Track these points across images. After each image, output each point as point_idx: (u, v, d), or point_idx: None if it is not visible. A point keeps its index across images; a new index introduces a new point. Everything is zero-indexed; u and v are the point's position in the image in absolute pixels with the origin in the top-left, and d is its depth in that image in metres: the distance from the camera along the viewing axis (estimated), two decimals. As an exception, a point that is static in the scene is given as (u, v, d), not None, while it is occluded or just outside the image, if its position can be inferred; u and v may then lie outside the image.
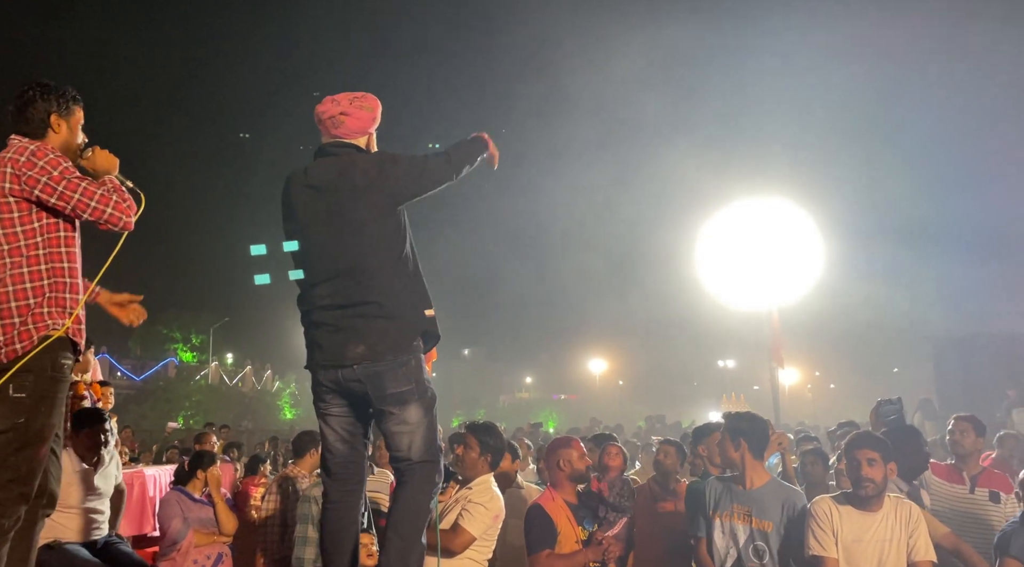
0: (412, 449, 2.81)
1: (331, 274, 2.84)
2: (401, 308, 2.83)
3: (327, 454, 2.99)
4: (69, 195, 2.73)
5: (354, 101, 2.99)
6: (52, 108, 2.89)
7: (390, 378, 2.79)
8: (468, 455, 3.96)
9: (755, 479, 3.72)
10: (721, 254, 16.54)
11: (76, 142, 2.97)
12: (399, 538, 2.76)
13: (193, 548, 5.03)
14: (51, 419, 2.69)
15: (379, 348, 2.77)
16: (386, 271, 2.82)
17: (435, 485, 2.88)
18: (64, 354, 2.75)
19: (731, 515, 3.65)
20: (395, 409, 2.80)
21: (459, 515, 3.77)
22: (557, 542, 3.92)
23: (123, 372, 39.68)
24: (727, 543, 3.63)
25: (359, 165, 2.88)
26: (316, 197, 2.89)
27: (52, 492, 2.87)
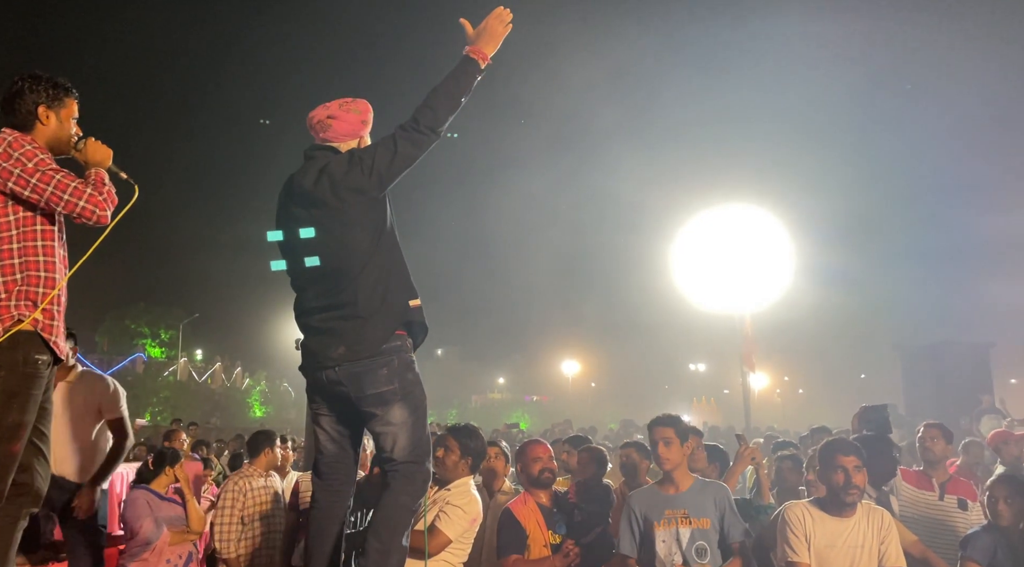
0: (396, 449, 2.79)
1: (313, 278, 2.85)
2: (378, 305, 2.80)
3: (317, 455, 2.99)
4: (42, 187, 2.67)
5: (343, 105, 2.97)
6: (41, 99, 2.83)
7: (369, 379, 2.76)
8: (448, 458, 3.92)
9: (683, 481, 3.74)
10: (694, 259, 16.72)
11: (67, 134, 2.90)
12: (378, 540, 2.74)
13: (167, 547, 4.97)
14: (24, 416, 2.63)
15: (358, 348, 2.76)
16: (362, 269, 2.78)
17: (420, 487, 2.85)
18: (37, 349, 2.69)
19: (668, 521, 3.64)
20: (377, 410, 2.78)
21: (436, 517, 3.74)
22: (526, 547, 3.91)
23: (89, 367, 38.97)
24: (670, 549, 3.60)
25: (328, 168, 2.84)
26: (294, 205, 2.89)
27: (38, 490, 2.82)
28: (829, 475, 3.50)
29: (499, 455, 4.79)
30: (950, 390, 14.41)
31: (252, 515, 5.46)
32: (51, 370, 2.79)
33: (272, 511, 5.59)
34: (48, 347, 2.73)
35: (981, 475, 6.26)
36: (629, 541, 3.70)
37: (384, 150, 2.77)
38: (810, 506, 3.59)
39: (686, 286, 17.21)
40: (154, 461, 5.32)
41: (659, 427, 3.77)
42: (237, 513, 5.39)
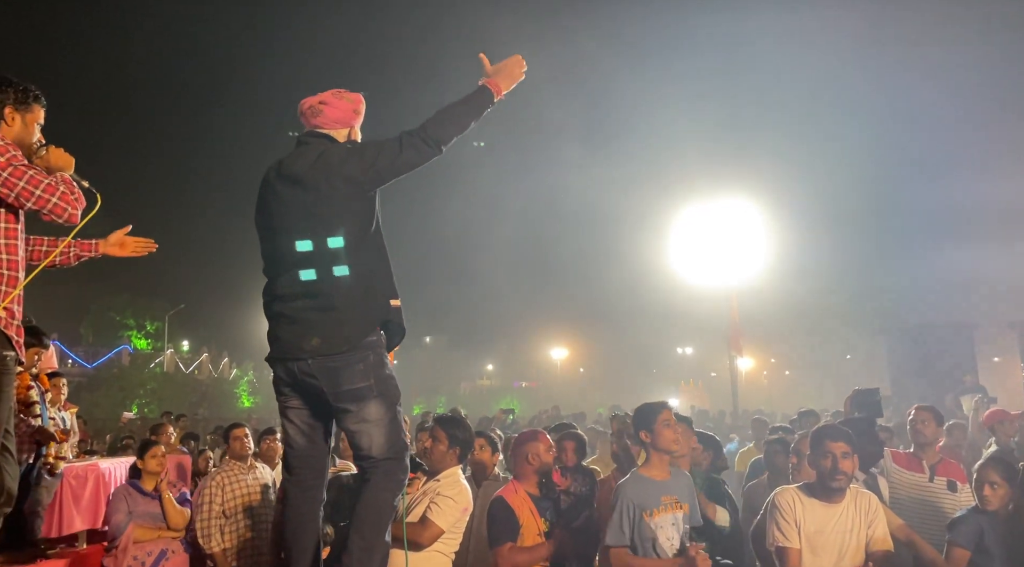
0: (373, 447, 2.75)
1: (291, 265, 2.78)
2: (357, 300, 2.76)
3: (287, 449, 2.94)
4: (14, 182, 2.64)
5: (336, 94, 2.96)
6: (8, 100, 2.84)
7: (345, 374, 2.72)
8: (436, 448, 3.91)
9: (664, 467, 3.73)
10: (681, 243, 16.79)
11: (31, 140, 2.91)
12: (361, 538, 2.71)
13: (132, 544, 4.93)
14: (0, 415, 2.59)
15: (334, 341, 2.71)
16: (344, 262, 2.75)
17: (399, 483, 2.84)
18: (3, 346, 2.67)
19: (665, 508, 3.64)
20: (352, 406, 2.74)
21: (427, 508, 3.73)
22: (519, 535, 3.91)
23: (74, 359, 38.73)
24: (668, 535, 3.61)
25: (325, 154, 2.82)
26: (284, 187, 2.83)
27: (9, 490, 2.80)
28: (818, 460, 3.51)
29: (484, 446, 4.78)
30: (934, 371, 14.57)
31: (235, 508, 5.44)
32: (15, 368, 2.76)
33: (259, 504, 5.57)
34: (11, 344, 2.70)
35: (966, 456, 6.33)
36: (623, 531, 3.62)
37: (389, 150, 2.76)
38: (799, 492, 3.60)
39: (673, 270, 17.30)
40: (137, 455, 5.30)
41: (666, 410, 3.76)
42: (217, 507, 5.37)
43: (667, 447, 3.71)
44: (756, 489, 5.11)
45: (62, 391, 5.94)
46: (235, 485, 5.53)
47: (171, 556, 5.06)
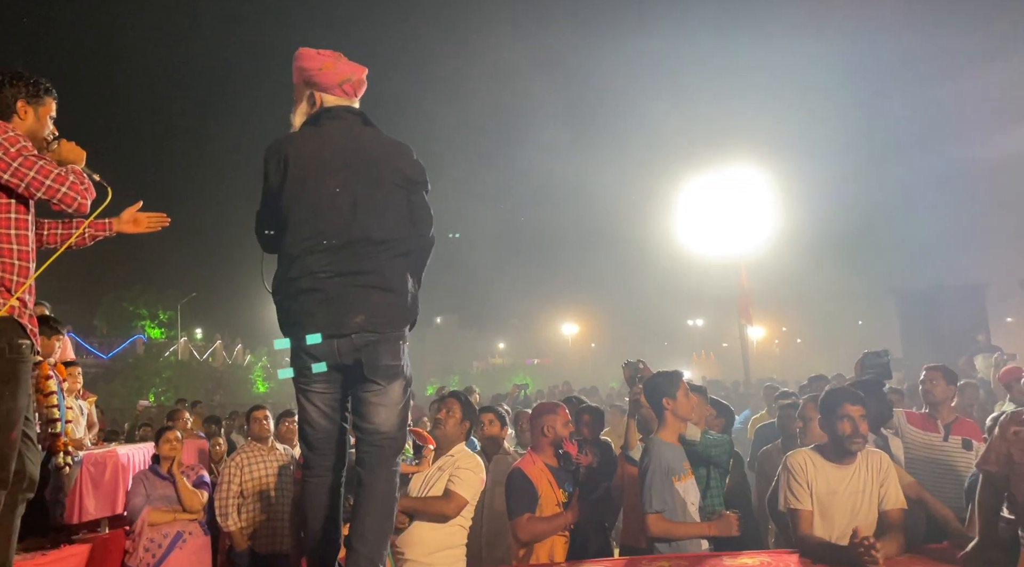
0: (385, 424, 2.73)
1: (336, 242, 2.70)
2: (405, 291, 2.77)
3: (308, 429, 2.87)
4: (24, 172, 2.65)
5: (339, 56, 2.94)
6: (20, 94, 2.85)
7: (386, 350, 2.71)
8: (450, 420, 3.95)
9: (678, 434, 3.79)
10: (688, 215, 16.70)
11: (43, 133, 2.92)
12: (374, 522, 2.69)
13: (148, 527, 5.00)
14: (16, 402, 2.63)
15: (378, 320, 2.68)
16: (395, 246, 2.76)
17: (398, 466, 2.84)
18: (19, 335, 2.69)
19: (686, 473, 3.70)
20: (383, 381, 2.72)
21: (449, 481, 3.78)
22: (538, 505, 3.94)
23: (90, 350, 39.08)
24: (692, 499, 3.66)
25: (382, 139, 2.86)
26: (334, 162, 2.75)
27: (31, 476, 2.83)
28: (834, 423, 3.51)
29: (494, 421, 4.81)
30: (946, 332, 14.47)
31: (253, 488, 5.53)
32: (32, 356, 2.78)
33: (278, 484, 5.65)
34: (27, 332, 2.72)
35: (976, 415, 6.31)
36: (663, 496, 3.61)
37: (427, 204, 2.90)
38: (812, 453, 3.61)
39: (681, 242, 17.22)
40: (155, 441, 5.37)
41: (683, 379, 3.85)
42: (235, 487, 5.47)
43: (687, 415, 3.78)
44: (769, 454, 5.13)
45: (78, 380, 6.01)
46: (255, 466, 5.61)
47: (188, 538, 5.11)
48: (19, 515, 2.82)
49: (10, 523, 2.76)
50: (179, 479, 5.13)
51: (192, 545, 5.13)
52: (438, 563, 3.67)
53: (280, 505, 5.60)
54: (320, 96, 2.87)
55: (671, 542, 3.58)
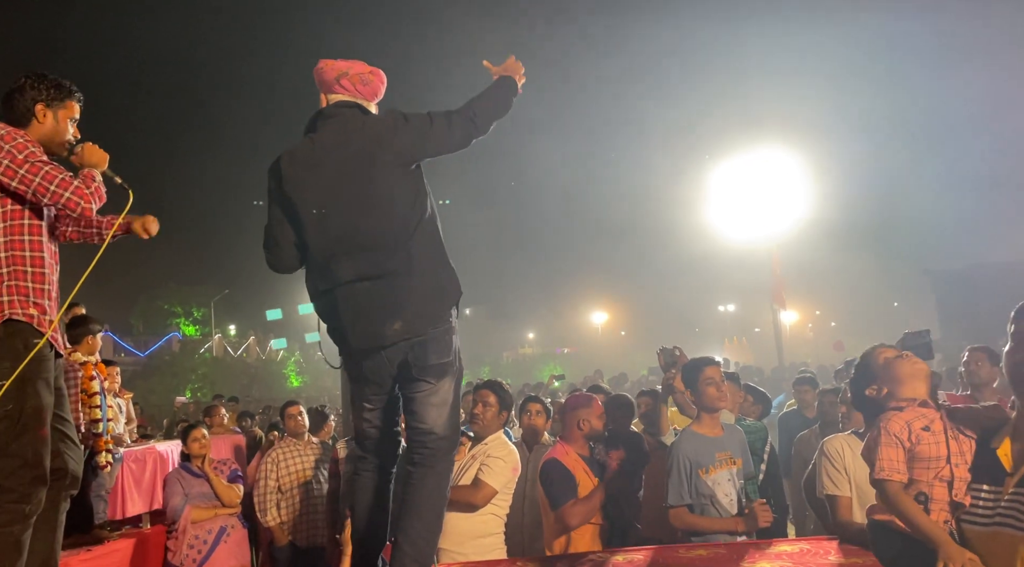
0: (438, 425, 2.67)
1: (352, 246, 2.61)
2: (435, 275, 2.67)
3: (360, 429, 2.83)
4: (30, 178, 2.65)
5: (364, 65, 2.84)
6: (40, 97, 2.81)
7: (433, 348, 2.64)
8: (488, 411, 3.93)
9: (715, 424, 3.71)
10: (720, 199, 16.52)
11: (64, 136, 2.88)
12: (421, 523, 2.64)
13: (191, 525, 5.07)
14: (42, 400, 2.65)
15: (418, 321, 2.59)
16: (413, 237, 2.61)
17: (453, 465, 2.80)
18: (34, 335, 2.69)
19: (720, 464, 3.62)
20: (432, 379, 2.66)
21: (479, 470, 3.76)
22: (577, 494, 3.93)
23: (127, 349, 39.89)
24: (726, 491, 3.60)
25: (368, 125, 2.70)
26: (326, 165, 2.66)
27: (74, 473, 2.87)
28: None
29: (540, 412, 4.76)
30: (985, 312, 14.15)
31: (291, 484, 5.60)
32: (54, 355, 2.79)
33: (314, 479, 5.71)
34: (41, 332, 2.72)
35: (1019, 396, 6.16)
36: (682, 490, 3.57)
37: (439, 126, 2.68)
38: (850, 438, 3.55)
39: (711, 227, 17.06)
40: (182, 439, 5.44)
41: (714, 366, 3.72)
42: (273, 483, 5.54)
43: (711, 405, 3.69)
44: (806, 439, 5.07)
45: (116, 379, 6.13)
46: (290, 461, 5.68)
47: (231, 532, 5.20)
48: (63, 511, 2.87)
49: (55, 519, 2.81)
50: (212, 475, 5.20)
51: (234, 538, 5.22)
52: (471, 552, 3.64)
53: (318, 499, 5.66)
54: (324, 98, 2.82)
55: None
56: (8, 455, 2.58)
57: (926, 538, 2.31)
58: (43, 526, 2.73)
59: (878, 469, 2.47)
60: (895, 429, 2.48)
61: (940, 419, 2.54)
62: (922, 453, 2.44)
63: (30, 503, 2.59)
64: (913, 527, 2.36)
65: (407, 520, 2.63)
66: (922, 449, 2.45)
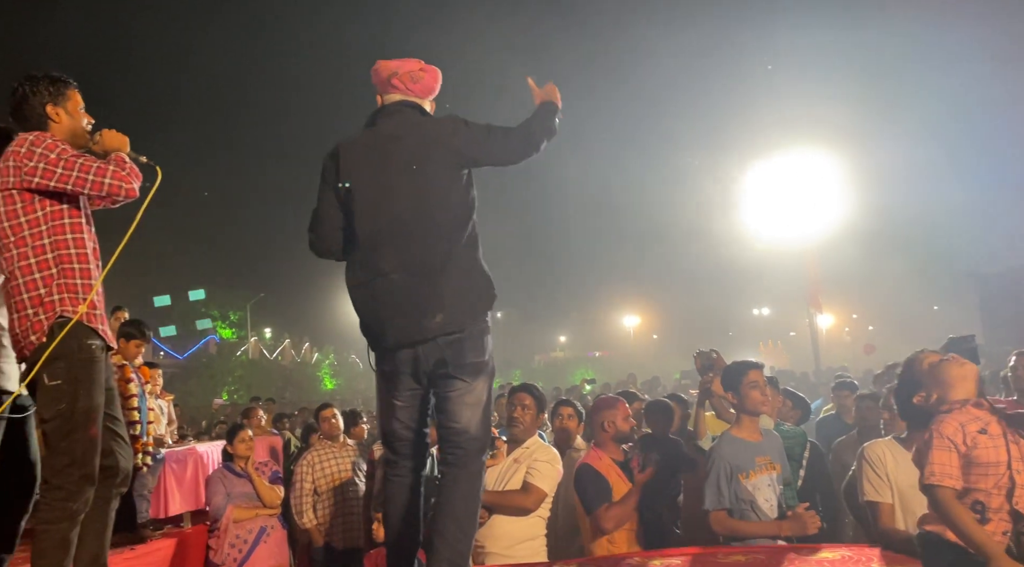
0: (472, 424, 2.67)
1: (399, 236, 2.63)
2: (475, 275, 2.70)
3: (391, 429, 2.83)
4: (67, 174, 2.71)
5: (421, 62, 2.89)
6: (46, 99, 2.85)
7: (470, 346, 2.65)
8: (527, 414, 3.95)
9: (755, 428, 3.67)
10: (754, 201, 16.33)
11: (82, 126, 2.93)
12: (457, 525, 2.63)
13: (233, 524, 5.14)
14: (92, 401, 2.71)
15: (458, 316, 2.60)
16: (460, 234, 2.65)
17: (484, 465, 2.79)
18: (88, 335, 2.75)
19: (760, 469, 3.59)
20: (468, 378, 2.66)
21: (527, 474, 3.77)
22: (612, 498, 3.92)
23: (166, 351, 40.57)
24: (767, 497, 3.56)
25: (427, 124, 2.77)
26: (383, 156, 2.71)
27: (124, 471, 2.93)
28: None
29: (572, 415, 4.76)
30: (1031, 316, 13.83)
31: (327, 486, 5.66)
32: (106, 355, 2.84)
33: (350, 481, 5.76)
34: (97, 333, 2.78)
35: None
36: (721, 494, 3.54)
37: (498, 136, 2.75)
38: (891, 444, 3.49)
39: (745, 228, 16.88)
40: (226, 439, 5.52)
41: (755, 369, 3.68)
42: (309, 485, 5.61)
43: (754, 408, 3.66)
44: (845, 445, 4.99)
45: (159, 382, 6.26)
46: (326, 464, 5.74)
47: (271, 532, 5.27)
48: (114, 509, 2.93)
49: (104, 516, 2.87)
50: (255, 476, 5.27)
51: (274, 538, 5.29)
52: (518, 555, 3.66)
53: (353, 500, 5.71)
54: (380, 97, 2.90)
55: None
56: (58, 453, 2.65)
57: (978, 551, 2.17)
58: (94, 523, 2.80)
59: (928, 474, 2.34)
60: (948, 432, 2.34)
61: (997, 422, 2.39)
62: (980, 458, 2.27)
63: (78, 501, 2.65)
64: (965, 538, 2.21)
65: (442, 521, 2.64)
66: (980, 454, 2.29)
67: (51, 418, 2.67)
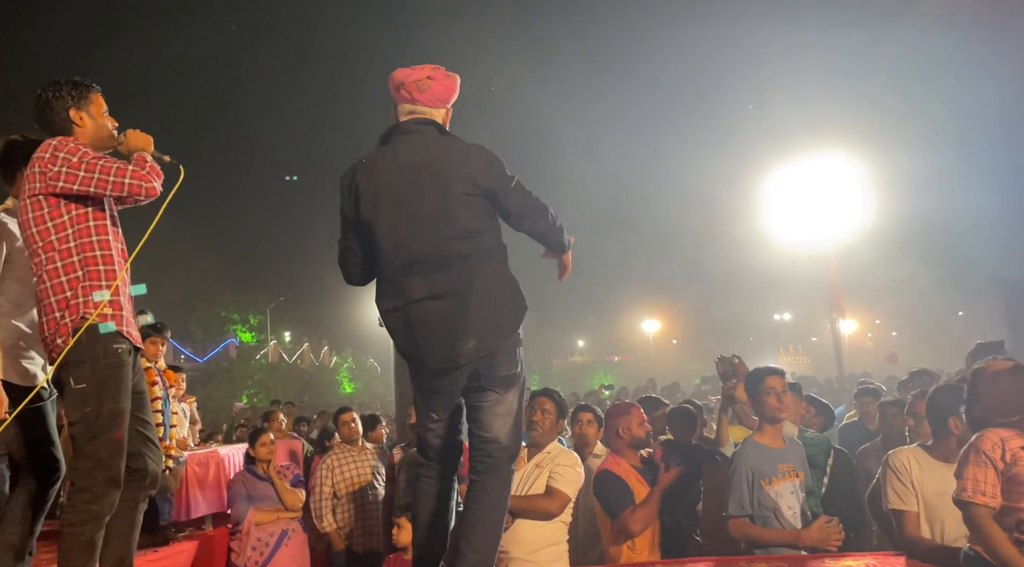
0: (502, 434, 2.68)
1: (423, 262, 2.60)
2: (505, 293, 2.69)
3: (425, 438, 2.83)
4: (89, 177, 2.74)
5: (437, 69, 2.80)
6: (68, 104, 2.89)
7: (502, 360, 2.66)
8: (547, 419, 3.94)
9: (778, 435, 3.64)
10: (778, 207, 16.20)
11: (106, 129, 2.96)
12: (485, 532, 2.64)
13: (254, 527, 5.17)
14: (119, 404, 2.73)
15: (491, 340, 2.61)
16: (485, 258, 2.65)
17: (513, 474, 2.80)
18: (114, 339, 2.76)
19: (783, 476, 3.56)
20: (500, 390, 2.67)
21: (550, 478, 3.76)
22: (634, 502, 3.90)
23: (187, 354, 40.96)
24: (790, 504, 3.54)
25: (444, 143, 2.71)
26: (401, 178, 2.64)
27: (154, 474, 2.96)
28: (945, 422, 3.34)
29: (592, 421, 4.75)
30: (1059, 323, 13.61)
31: (346, 489, 5.68)
32: (134, 357, 2.87)
33: (369, 484, 5.78)
34: (123, 336, 2.80)
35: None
36: (743, 500, 3.52)
37: (521, 187, 2.72)
38: (916, 452, 3.45)
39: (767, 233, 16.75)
40: (248, 442, 5.56)
41: (775, 376, 3.64)
42: (328, 489, 5.63)
43: (772, 415, 3.63)
44: (869, 452, 4.93)
45: (182, 386, 6.33)
46: (345, 467, 5.76)
47: (292, 535, 5.29)
48: (142, 511, 2.97)
49: (132, 518, 2.90)
50: (276, 480, 5.30)
51: (295, 542, 5.31)
52: (542, 560, 3.66)
53: (373, 504, 5.73)
54: (394, 109, 2.83)
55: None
56: (83, 456, 2.68)
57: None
58: (121, 525, 2.83)
59: (960, 489, 2.27)
60: (987, 447, 2.25)
61: None
62: (1021, 475, 2.20)
63: (103, 504, 2.67)
64: (999, 560, 2.14)
65: (469, 528, 2.64)
66: (1021, 471, 2.21)
67: (77, 421, 2.70)
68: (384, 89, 2.87)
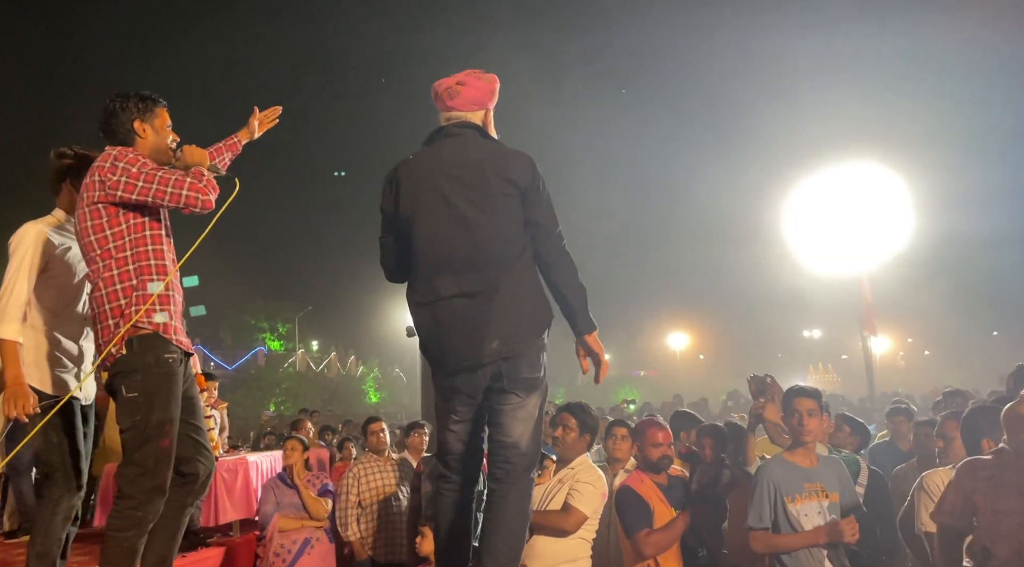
0: (523, 440, 2.68)
1: (457, 261, 2.65)
2: (532, 299, 2.71)
3: (447, 445, 2.84)
4: (147, 187, 2.79)
5: (471, 73, 2.87)
6: (134, 115, 2.96)
7: (525, 362, 2.66)
8: (568, 436, 3.93)
9: (809, 454, 3.60)
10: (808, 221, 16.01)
11: (166, 143, 3.03)
12: (507, 545, 2.63)
13: (278, 533, 5.20)
14: (168, 413, 2.77)
15: (514, 343, 2.63)
16: (517, 262, 2.67)
17: (533, 483, 2.80)
18: (165, 349, 2.81)
19: (809, 495, 3.52)
20: (522, 393, 2.67)
21: (568, 495, 3.76)
22: (653, 522, 3.87)
23: (216, 362, 41.46)
24: (814, 523, 3.48)
25: (486, 146, 2.77)
26: (442, 182, 2.70)
27: (204, 479, 3.03)
28: (979, 445, 3.28)
29: (626, 436, 4.68)
30: (1099, 344, 13.26)
31: (372, 498, 5.69)
32: (184, 365, 2.91)
33: (395, 495, 5.79)
34: (174, 344, 2.85)
35: None
36: (763, 513, 3.50)
37: (549, 202, 2.76)
38: (951, 473, 3.38)
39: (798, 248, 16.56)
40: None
41: (803, 397, 3.60)
42: (354, 498, 5.64)
43: (795, 437, 3.61)
44: (903, 474, 4.84)
45: (214, 393, 6.42)
46: (371, 477, 5.78)
47: (315, 544, 5.31)
48: (187, 515, 3.03)
49: (177, 520, 2.96)
50: (301, 487, 5.33)
51: (319, 551, 5.32)
52: None
53: (397, 514, 5.74)
54: (439, 116, 2.90)
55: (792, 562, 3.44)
56: (131, 463, 2.74)
57: None
58: (167, 526, 2.89)
59: None
60: None
61: None
62: None
63: (146, 511, 2.72)
64: None
65: (490, 538, 2.64)
66: None
67: (127, 429, 2.76)
68: (425, 100, 2.95)
